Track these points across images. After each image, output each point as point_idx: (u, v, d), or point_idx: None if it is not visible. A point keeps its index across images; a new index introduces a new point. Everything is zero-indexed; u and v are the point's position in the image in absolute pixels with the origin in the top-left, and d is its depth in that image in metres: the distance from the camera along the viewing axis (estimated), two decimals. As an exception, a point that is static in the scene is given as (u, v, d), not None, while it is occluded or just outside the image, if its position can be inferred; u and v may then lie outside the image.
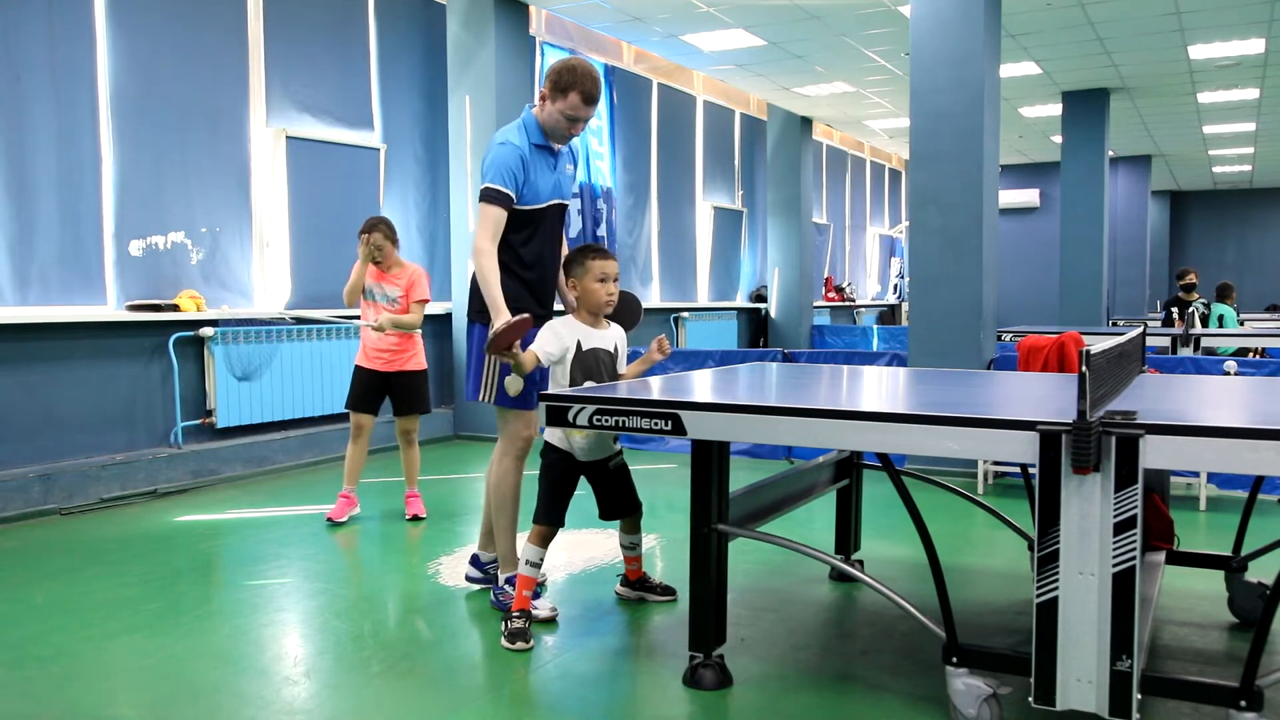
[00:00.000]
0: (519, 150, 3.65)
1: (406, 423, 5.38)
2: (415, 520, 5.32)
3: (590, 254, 3.56)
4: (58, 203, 5.63)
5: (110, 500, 5.67)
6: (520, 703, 3.00)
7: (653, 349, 3.60)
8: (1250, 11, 8.21)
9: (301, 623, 3.72)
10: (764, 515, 3.48)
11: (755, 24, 8.71)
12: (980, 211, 6.47)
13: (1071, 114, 11.65)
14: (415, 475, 5.45)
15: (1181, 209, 22.13)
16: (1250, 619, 3.57)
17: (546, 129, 3.74)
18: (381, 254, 5.16)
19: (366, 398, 5.27)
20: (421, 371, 5.36)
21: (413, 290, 5.23)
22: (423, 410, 5.41)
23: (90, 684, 3.11)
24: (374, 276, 5.22)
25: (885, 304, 18.20)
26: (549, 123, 3.72)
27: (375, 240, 5.13)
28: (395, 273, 5.24)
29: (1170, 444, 2.29)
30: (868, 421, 2.59)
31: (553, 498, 3.51)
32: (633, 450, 7.45)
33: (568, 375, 3.51)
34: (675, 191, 11.77)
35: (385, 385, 5.29)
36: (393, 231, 5.22)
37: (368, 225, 5.16)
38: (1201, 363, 6.05)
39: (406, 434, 5.40)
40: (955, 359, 6.50)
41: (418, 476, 5.46)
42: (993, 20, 6.63)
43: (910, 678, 3.11)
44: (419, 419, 5.43)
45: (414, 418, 5.38)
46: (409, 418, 5.36)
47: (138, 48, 6.03)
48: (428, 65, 8.16)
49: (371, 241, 5.12)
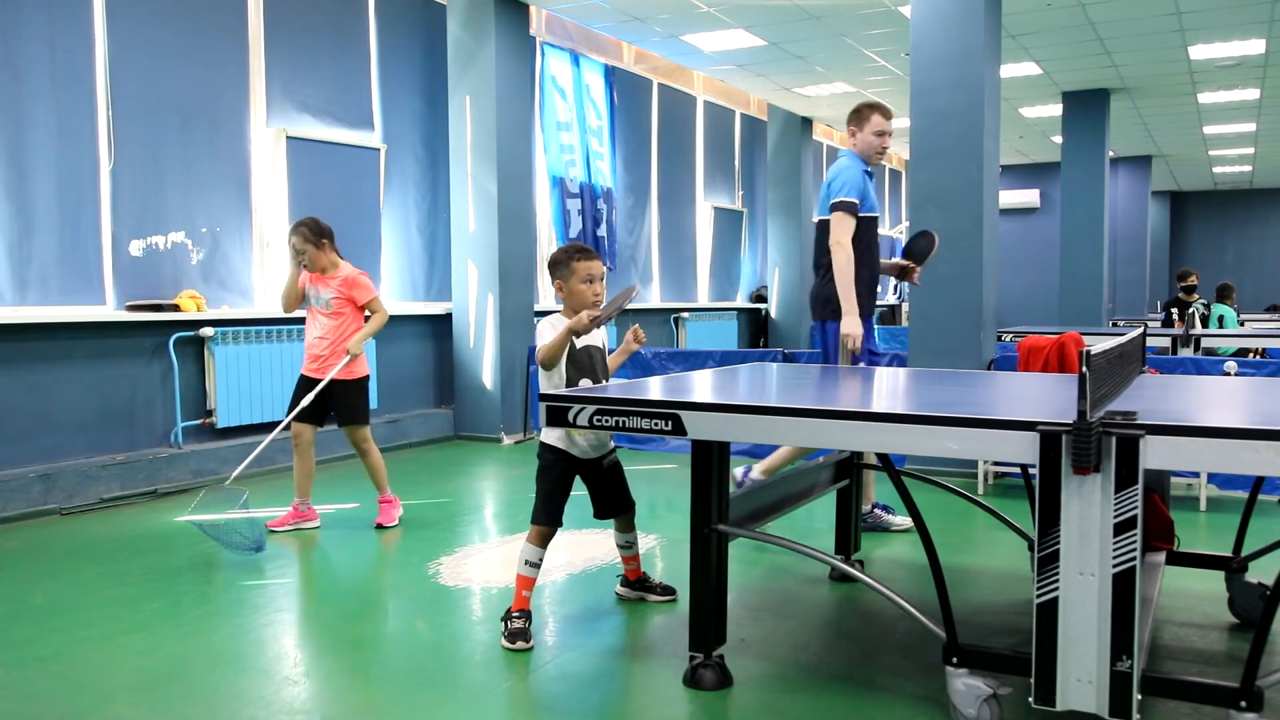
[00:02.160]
0: (861, 168, 4.71)
1: (349, 433, 5.15)
2: (379, 528, 5.10)
3: (576, 255, 3.58)
4: (57, 203, 5.63)
5: (110, 500, 5.67)
6: (520, 703, 3.00)
7: (628, 339, 3.63)
8: (1251, 12, 8.21)
9: (301, 623, 3.72)
10: (764, 515, 3.49)
11: (755, 24, 8.71)
12: (980, 211, 6.47)
13: (1071, 114, 11.65)
14: (381, 481, 5.20)
15: (1182, 209, 22.13)
16: (1250, 619, 3.57)
17: (864, 155, 4.78)
18: (304, 257, 4.97)
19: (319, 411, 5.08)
20: (352, 380, 5.07)
21: (356, 295, 5.05)
22: (355, 420, 5.10)
23: (90, 684, 3.11)
24: (314, 280, 5.06)
25: (885, 304, 18.19)
26: (864, 149, 4.78)
27: (293, 243, 4.96)
28: (331, 275, 5.05)
29: (1170, 444, 2.29)
30: (868, 421, 2.59)
31: (552, 498, 3.51)
32: (633, 450, 7.45)
33: (563, 375, 3.52)
34: (675, 191, 11.77)
35: (322, 394, 5.04)
36: (316, 232, 4.98)
37: (292, 228, 5.02)
38: (1202, 363, 6.05)
39: (355, 444, 5.17)
40: (955, 359, 6.50)
41: (385, 482, 5.21)
42: (993, 20, 6.63)
43: (910, 678, 3.11)
44: (364, 428, 5.13)
45: (354, 428, 5.11)
46: (348, 428, 5.12)
47: (138, 48, 6.03)
48: (428, 65, 8.16)
49: (290, 244, 4.97)
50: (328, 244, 5.04)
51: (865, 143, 4.76)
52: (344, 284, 5.04)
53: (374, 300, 5.13)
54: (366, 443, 5.15)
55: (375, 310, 5.14)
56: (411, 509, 5.68)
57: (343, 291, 5.04)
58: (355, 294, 5.06)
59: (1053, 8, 8.08)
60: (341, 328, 5.06)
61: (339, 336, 5.04)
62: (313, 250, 4.99)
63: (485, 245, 7.96)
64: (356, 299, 5.07)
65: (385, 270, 7.74)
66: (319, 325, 5.06)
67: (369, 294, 5.10)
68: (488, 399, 8.03)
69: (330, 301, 5.03)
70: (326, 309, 5.03)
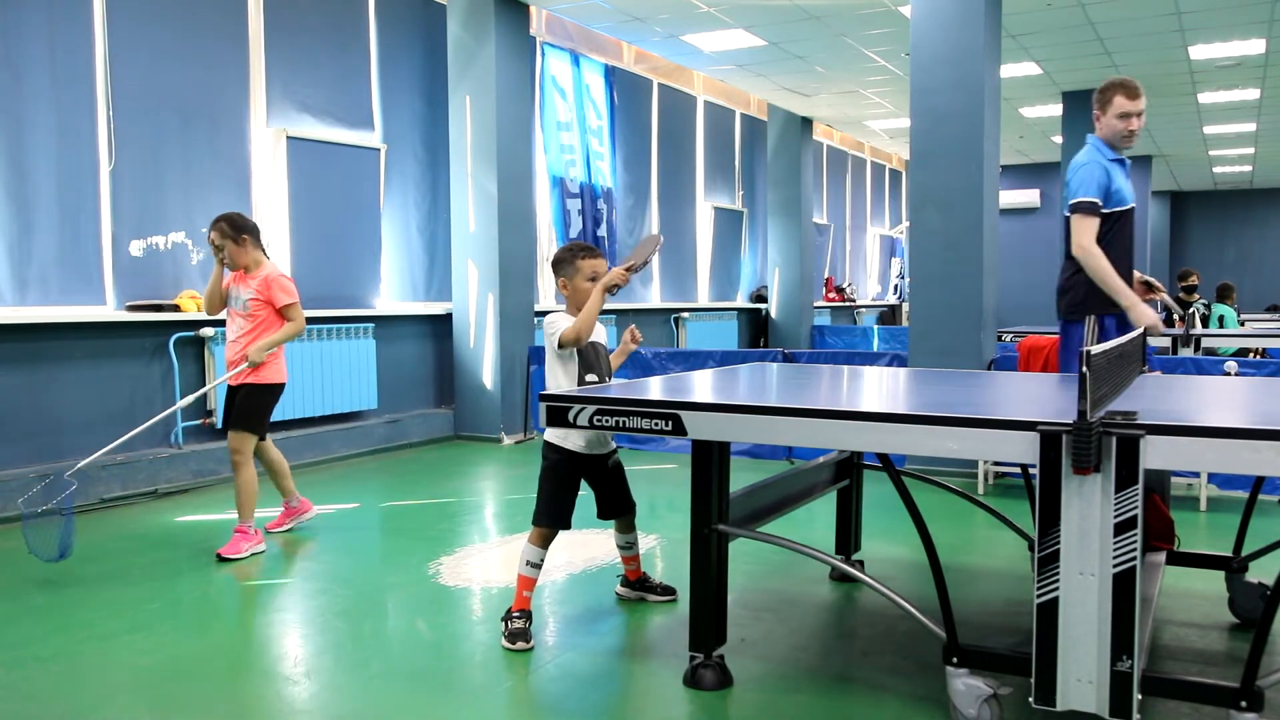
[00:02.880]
0: (1101, 163, 4.30)
1: (230, 438, 4.67)
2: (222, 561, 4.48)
3: (581, 253, 3.57)
4: (57, 203, 5.63)
5: (111, 500, 5.67)
6: (520, 703, 3.00)
7: (626, 340, 3.66)
8: (1250, 11, 8.21)
9: (301, 623, 3.72)
10: (764, 515, 3.48)
11: (755, 24, 8.71)
12: (980, 211, 6.47)
13: (1072, 114, 11.64)
14: (244, 506, 4.62)
15: (1182, 209, 22.13)
16: (1250, 619, 3.56)
17: (1110, 141, 4.38)
18: (224, 253, 4.66)
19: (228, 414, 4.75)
20: (258, 384, 4.68)
21: (273, 297, 4.68)
22: (243, 427, 4.64)
23: (90, 684, 3.11)
24: (236, 279, 4.74)
25: (885, 304, 18.19)
26: (1109, 133, 4.37)
27: (211, 239, 4.64)
28: (252, 274, 4.71)
29: (1170, 444, 2.29)
30: (868, 421, 2.59)
31: (557, 499, 3.50)
32: (633, 450, 7.44)
33: (574, 369, 3.51)
34: (675, 191, 11.77)
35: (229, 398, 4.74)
36: (235, 227, 4.66)
37: (211, 223, 4.70)
38: (1202, 363, 6.05)
39: (230, 451, 4.66)
40: (955, 359, 6.50)
41: (250, 510, 4.63)
42: (993, 20, 6.63)
43: (910, 678, 3.11)
44: (247, 438, 4.65)
45: (239, 435, 4.64)
46: (232, 432, 4.66)
47: (138, 48, 6.03)
48: (428, 65, 8.16)
49: (209, 240, 4.66)
50: (249, 241, 4.70)
51: (1109, 127, 4.36)
52: (263, 285, 4.68)
53: (292, 306, 4.73)
54: (241, 455, 4.63)
55: (292, 318, 4.74)
56: (412, 509, 5.69)
57: (261, 293, 4.68)
58: (274, 296, 4.69)
59: (1053, 8, 8.08)
60: (258, 332, 4.70)
61: (254, 341, 4.70)
62: (232, 247, 4.66)
63: (485, 245, 7.96)
64: (275, 301, 4.69)
65: (385, 270, 7.74)
66: (236, 327, 4.72)
67: (288, 298, 4.71)
68: (488, 399, 8.03)
69: (247, 303, 4.68)
70: (243, 310, 4.69)
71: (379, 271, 7.61)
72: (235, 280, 4.75)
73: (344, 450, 7.20)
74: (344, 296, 7.31)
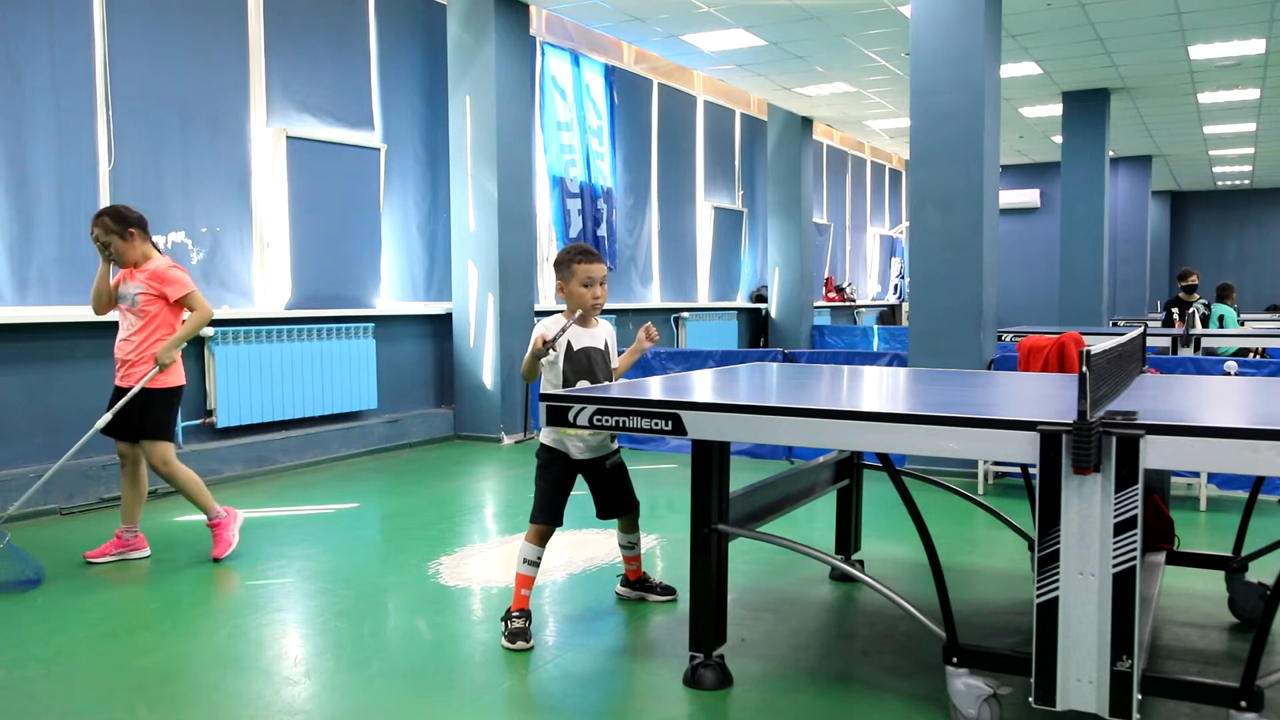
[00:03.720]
0: None
1: (145, 451, 4.43)
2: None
3: (577, 257, 3.58)
4: (57, 203, 5.63)
5: (110, 500, 5.67)
6: (520, 703, 3.00)
7: (640, 337, 3.65)
8: (1250, 11, 8.21)
9: (301, 623, 3.72)
10: (764, 515, 3.48)
11: (755, 24, 8.71)
12: (980, 211, 6.47)
13: (1072, 114, 11.65)
14: (203, 500, 4.49)
15: (1182, 209, 22.13)
16: (1250, 619, 3.57)
17: None
18: (110, 250, 4.38)
19: (115, 420, 4.41)
20: (156, 390, 4.41)
21: (168, 290, 4.40)
22: (150, 434, 4.40)
23: (90, 684, 3.11)
24: (124, 275, 4.44)
25: (885, 304, 18.19)
26: None
27: (95, 235, 4.37)
28: (142, 268, 4.44)
29: (1170, 444, 2.29)
30: (868, 421, 2.59)
31: (549, 497, 3.51)
32: (633, 450, 7.44)
33: (560, 375, 3.53)
34: (675, 191, 11.77)
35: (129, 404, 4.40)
36: (120, 221, 4.37)
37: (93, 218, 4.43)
38: (1202, 363, 6.05)
39: (154, 466, 4.44)
40: (955, 359, 6.50)
41: (210, 501, 4.51)
42: (993, 20, 6.63)
43: (910, 678, 3.11)
44: (163, 446, 4.43)
45: (154, 446, 4.42)
46: (146, 444, 4.42)
47: (138, 48, 6.03)
48: (428, 65, 8.16)
49: (93, 237, 4.39)
50: (137, 235, 4.41)
51: None
52: (152, 278, 4.40)
53: (191, 295, 4.44)
54: (169, 465, 4.45)
55: (194, 307, 4.45)
56: (412, 509, 5.69)
57: (152, 286, 4.39)
58: (167, 289, 4.40)
59: (1053, 8, 8.08)
60: (151, 329, 4.42)
61: (147, 339, 4.41)
62: (118, 242, 4.37)
63: (485, 245, 7.96)
64: (169, 295, 4.41)
65: (385, 270, 7.74)
66: (127, 325, 4.44)
67: (183, 288, 4.42)
68: (488, 399, 8.03)
69: (137, 298, 4.39)
70: (134, 306, 4.40)
71: (379, 271, 7.61)
72: (125, 277, 4.44)
73: (344, 450, 7.20)
74: (344, 296, 7.31)
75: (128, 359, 4.41)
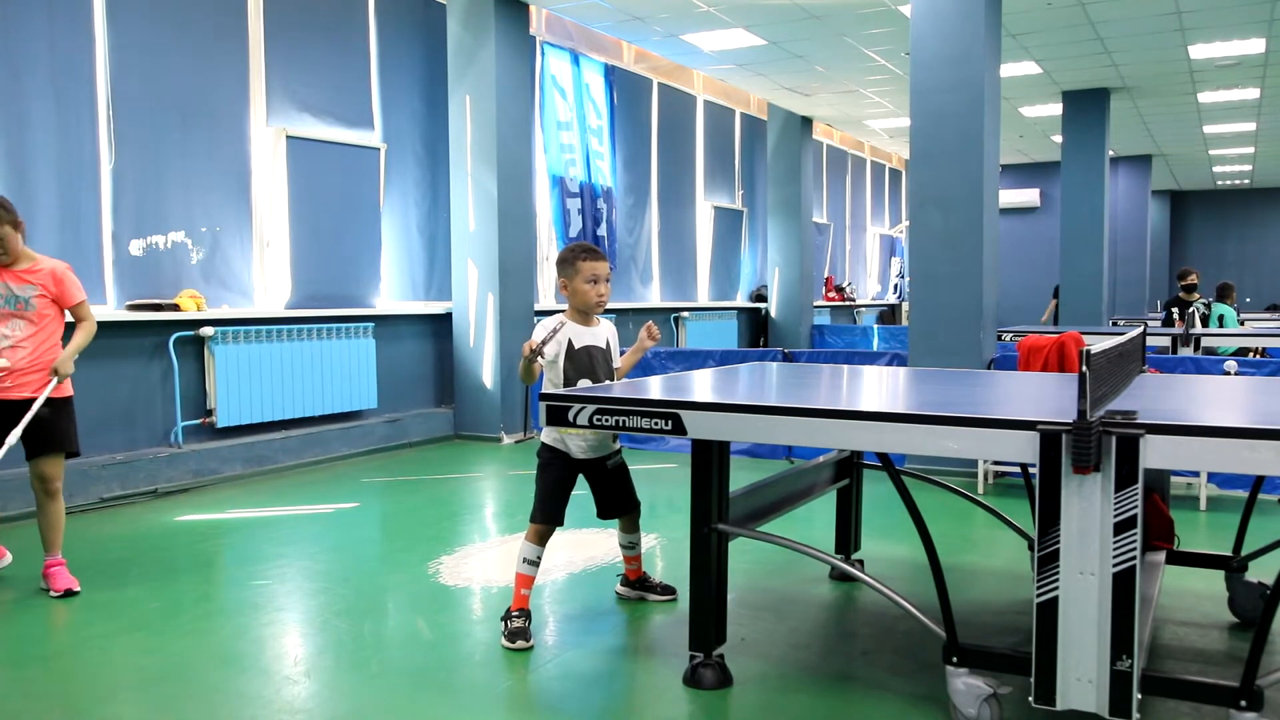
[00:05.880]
0: None
1: (40, 465, 4.03)
2: (69, 595, 3.97)
3: (581, 255, 3.58)
4: (57, 202, 5.63)
5: (110, 500, 5.67)
6: (520, 702, 3.00)
7: (643, 336, 3.65)
8: (1250, 11, 8.21)
9: (301, 623, 3.72)
10: (764, 515, 3.48)
11: (755, 24, 8.71)
12: (980, 211, 6.47)
13: (1072, 114, 11.64)
14: (57, 539, 4.10)
15: (1182, 209, 22.13)
16: (1250, 619, 3.57)
17: None
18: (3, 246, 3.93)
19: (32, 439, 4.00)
20: (62, 400, 4.06)
21: (64, 293, 4.07)
22: (64, 449, 4.08)
23: (90, 684, 3.11)
24: (8, 275, 3.98)
25: (885, 304, 18.19)
26: None
27: None
28: (26, 268, 4.00)
29: (1170, 444, 2.29)
30: (868, 421, 2.59)
31: (549, 496, 3.51)
32: (633, 450, 7.44)
33: (560, 374, 3.53)
34: (675, 191, 11.77)
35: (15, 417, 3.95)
36: (11, 213, 3.95)
37: None
38: (1202, 363, 6.05)
39: (43, 481, 4.05)
40: (955, 359, 6.50)
41: (60, 540, 4.11)
42: (993, 20, 6.63)
43: (910, 677, 3.11)
44: (60, 461, 4.08)
45: (51, 459, 4.04)
46: (43, 459, 4.02)
47: (138, 48, 6.03)
48: (428, 65, 8.16)
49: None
50: (22, 227, 4.02)
51: None
52: (49, 279, 4.03)
53: (84, 304, 4.13)
54: (59, 481, 4.10)
55: (84, 317, 4.12)
56: (412, 508, 5.69)
57: (48, 289, 4.03)
58: (66, 293, 4.07)
59: (1053, 7, 8.08)
60: (44, 334, 4.05)
61: (41, 345, 4.03)
62: (9, 232, 3.93)
63: (485, 245, 7.96)
64: (66, 299, 4.08)
65: (385, 269, 7.74)
66: (16, 330, 3.99)
67: (81, 293, 4.12)
68: (488, 399, 8.03)
69: (32, 300, 3.99)
70: (27, 310, 3.99)
71: (379, 271, 7.61)
72: (5, 277, 3.99)
73: (344, 450, 7.19)
74: (344, 296, 7.31)
75: (19, 367, 3.97)
